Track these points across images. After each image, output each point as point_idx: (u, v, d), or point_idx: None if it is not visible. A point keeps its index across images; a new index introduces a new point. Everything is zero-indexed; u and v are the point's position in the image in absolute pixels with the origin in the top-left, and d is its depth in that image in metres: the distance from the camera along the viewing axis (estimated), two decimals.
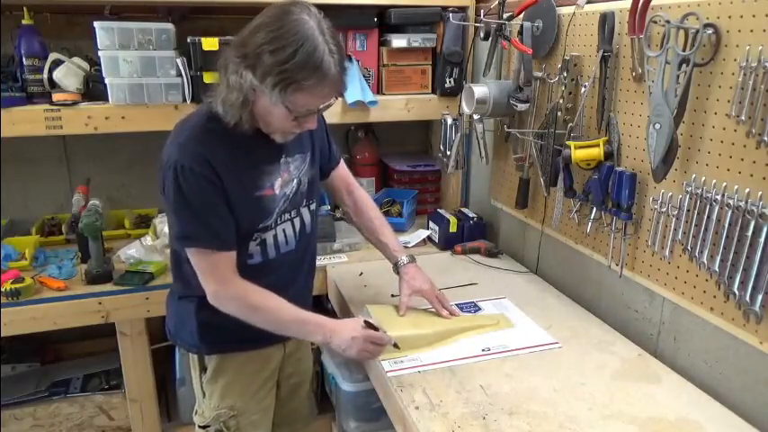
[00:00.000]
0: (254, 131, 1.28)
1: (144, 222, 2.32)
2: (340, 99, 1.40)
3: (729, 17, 1.13)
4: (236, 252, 1.31)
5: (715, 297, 1.23)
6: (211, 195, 1.24)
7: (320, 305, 1.97)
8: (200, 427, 1.48)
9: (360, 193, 1.65)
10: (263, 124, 1.27)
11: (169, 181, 1.22)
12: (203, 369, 1.44)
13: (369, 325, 1.36)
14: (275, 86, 1.14)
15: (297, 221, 1.43)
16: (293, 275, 1.46)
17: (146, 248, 2.07)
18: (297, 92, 1.16)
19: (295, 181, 1.40)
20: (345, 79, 1.23)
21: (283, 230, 1.40)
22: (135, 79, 1.81)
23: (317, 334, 1.35)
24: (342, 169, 1.64)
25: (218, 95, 1.22)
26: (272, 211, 1.35)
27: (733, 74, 1.13)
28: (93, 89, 1.86)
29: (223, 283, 1.29)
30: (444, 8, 2.08)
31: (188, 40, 1.84)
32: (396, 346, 1.38)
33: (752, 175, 1.12)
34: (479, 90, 1.75)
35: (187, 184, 1.21)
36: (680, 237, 1.28)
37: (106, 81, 1.80)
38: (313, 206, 1.48)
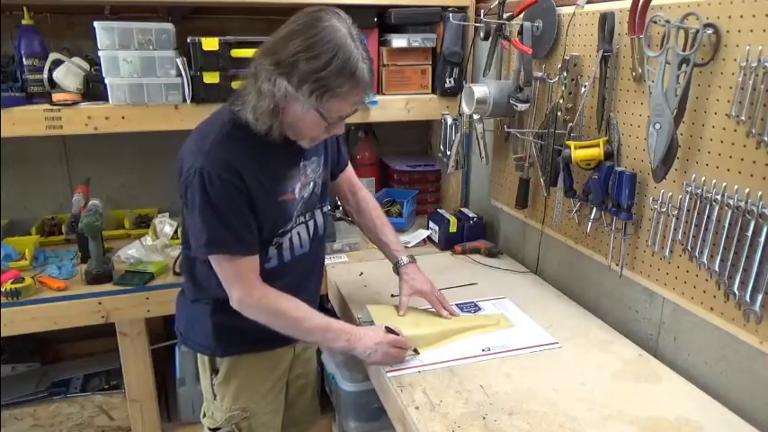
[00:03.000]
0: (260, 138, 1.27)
1: (144, 222, 2.32)
2: None
3: (729, 17, 1.13)
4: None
5: (715, 297, 1.23)
6: (237, 201, 1.24)
7: (320, 305, 1.97)
8: (210, 429, 1.47)
9: (363, 193, 1.66)
10: (293, 131, 1.27)
11: (194, 188, 1.20)
12: (214, 371, 1.43)
13: (389, 330, 1.36)
14: (312, 93, 1.15)
15: (311, 224, 1.44)
16: (305, 277, 1.47)
17: (146, 248, 2.07)
18: (332, 99, 1.17)
19: (311, 184, 1.41)
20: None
21: (298, 233, 1.40)
22: (135, 79, 1.81)
23: (340, 340, 1.34)
24: (349, 171, 1.64)
25: (248, 104, 1.21)
26: (292, 215, 1.36)
27: (733, 74, 1.13)
28: (93, 89, 1.85)
29: (248, 289, 1.28)
30: (444, 8, 2.08)
31: (188, 40, 1.84)
32: (415, 351, 1.38)
33: (752, 175, 1.12)
34: (479, 90, 1.75)
35: (214, 191, 1.20)
36: (680, 237, 1.28)
37: (106, 81, 1.80)
38: (325, 208, 1.50)
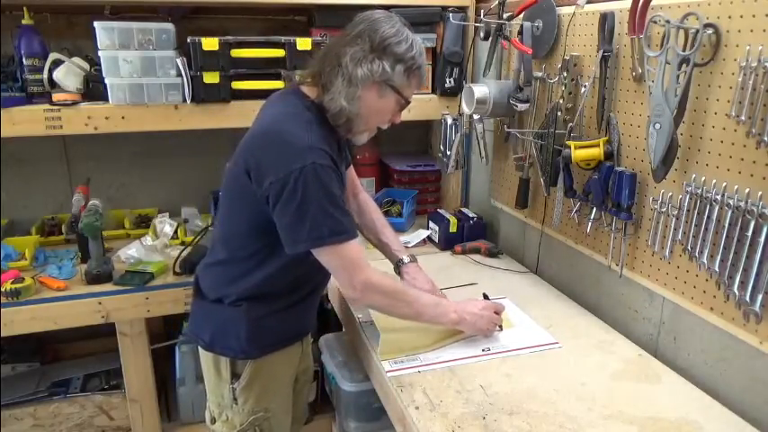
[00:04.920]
0: (330, 134, 1.31)
1: (144, 222, 2.32)
2: None
3: (729, 17, 1.13)
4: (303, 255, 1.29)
5: (715, 297, 1.23)
6: (342, 189, 1.29)
7: (320, 305, 1.97)
8: None
9: (364, 195, 1.68)
10: (361, 122, 1.32)
11: (308, 182, 1.18)
12: (236, 376, 1.39)
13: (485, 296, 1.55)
14: (404, 72, 1.27)
15: None
16: (325, 273, 1.44)
17: (146, 248, 2.07)
18: (414, 78, 1.31)
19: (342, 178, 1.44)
20: None
21: None
22: (135, 79, 1.81)
23: (449, 313, 1.39)
24: (351, 172, 1.65)
25: (341, 93, 1.25)
26: None
27: (733, 74, 1.13)
28: (93, 89, 1.85)
29: (368, 272, 1.29)
30: (444, 8, 2.08)
31: (188, 40, 1.84)
32: (500, 327, 1.47)
33: (752, 175, 1.12)
34: (479, 90, 1.75)
35: (330, 181, 1.22)
36: (680, 237, 1.28)
37: (106, 81, 1.80)
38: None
